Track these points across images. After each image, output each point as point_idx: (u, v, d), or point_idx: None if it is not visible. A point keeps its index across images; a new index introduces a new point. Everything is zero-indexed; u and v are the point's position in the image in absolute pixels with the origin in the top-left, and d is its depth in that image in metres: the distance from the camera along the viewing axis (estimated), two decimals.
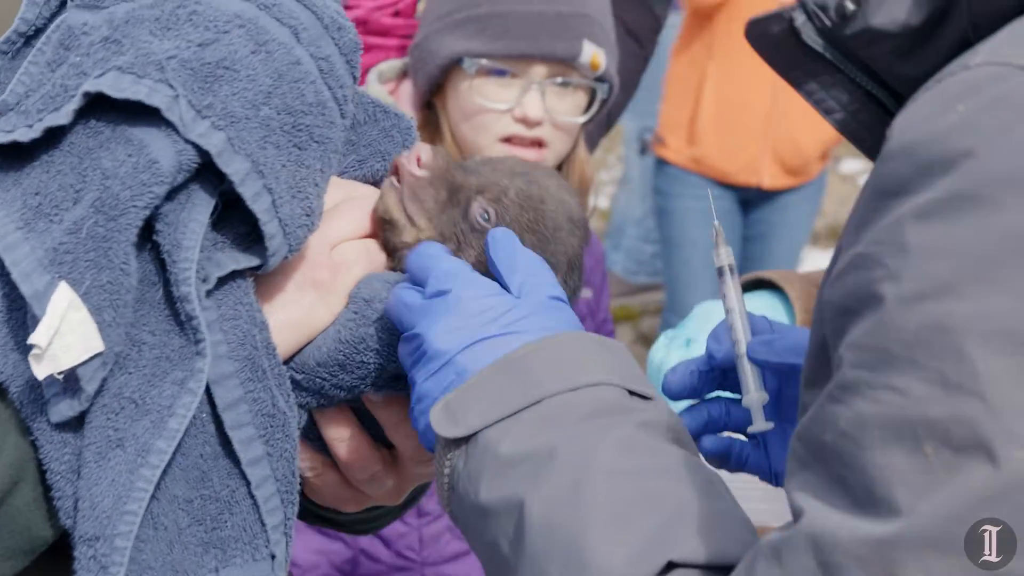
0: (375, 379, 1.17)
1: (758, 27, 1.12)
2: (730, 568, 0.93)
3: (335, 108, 1.15)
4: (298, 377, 1.17)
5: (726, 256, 1.31)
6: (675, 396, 1.30)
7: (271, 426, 1.10)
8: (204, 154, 1.05)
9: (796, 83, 1.13)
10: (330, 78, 1.14)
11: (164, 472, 1.05)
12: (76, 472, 1.04)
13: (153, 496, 1.05)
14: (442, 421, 1.06)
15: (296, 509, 1.13)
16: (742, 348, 1.26)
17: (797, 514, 0.87)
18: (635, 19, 2.65)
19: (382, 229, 1.22)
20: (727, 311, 1.29)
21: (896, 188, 0.87)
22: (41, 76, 1.10)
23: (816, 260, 6.61)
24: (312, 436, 1.22)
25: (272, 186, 1.08)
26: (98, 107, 1.05)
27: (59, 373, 1.00)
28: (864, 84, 1.09)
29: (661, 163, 4.79)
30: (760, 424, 1.26)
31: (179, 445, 1.06)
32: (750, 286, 1.86)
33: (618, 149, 6.52)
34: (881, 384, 0.83)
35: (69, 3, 1.15)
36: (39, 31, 1.14)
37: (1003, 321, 0.80)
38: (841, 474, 0.85)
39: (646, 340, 6.06)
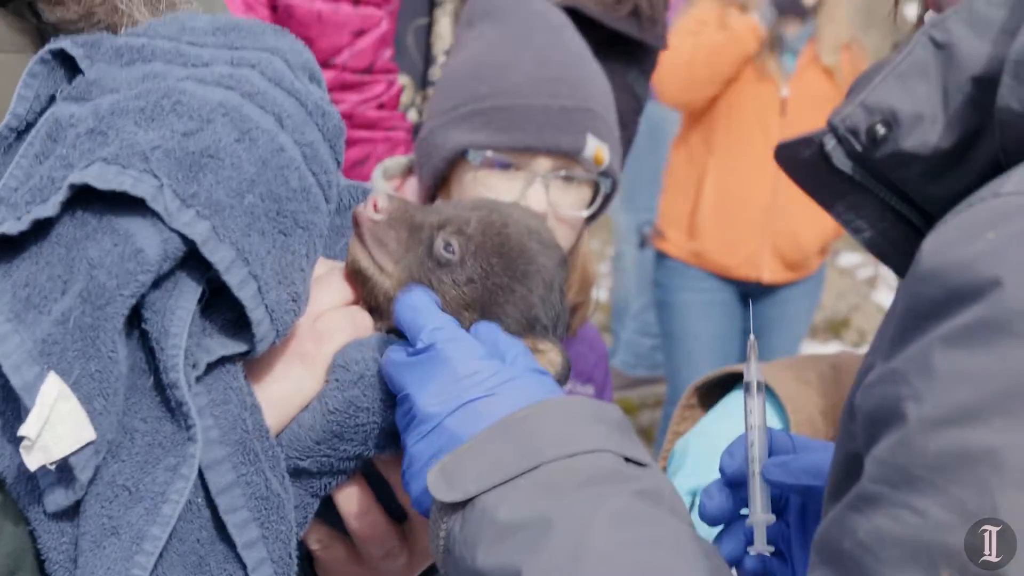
0: (377, 440, 1.17)
1: (787, 151, 1.12)
2: None
3: (319, 193, 1.15)
4: (304, 463, 1.16)
5: (756, 372, 1.30)
6: (713, 521, 1.28)
7: (265, 508, 1.09)
8: (189, 242, 1.05)
9: (825, 204, 1.13)
10: (314, 164, 1.14)
11: (161, 558, 1.04)
12: (74, 561, 1.03)
13: None
14: (438, 484, 1.05)
15: None
16: (756, 467, 1.25)
17: None
18: (617, 101, 2.64)
19: (357, 284, 1.21)
20: (748, 427, 1.27)
21: (927, 311, 0.88)
22: (30, 169, 1.09)
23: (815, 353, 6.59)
24: (319, 511, 1.21)
25: (257, 273, 1.08)
26: (85, 198, 1.05)
27: (51, 463, 0.99)
28: (894, 204, 1.09)
29: (661, 256, 4.79)
30: (761, 546, 1.24)
31: (175, 531, 1.05)
32: (728, 379, 1.83)
33: (615, 242, 6.55)
34: (900, 502, 0.84)
35: (57, 96, 1.15)
36: (31, 125, 1.14)
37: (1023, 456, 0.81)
38: None
39: (645, 434, 6.03)
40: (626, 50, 2.72)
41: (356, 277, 1.21)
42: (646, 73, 2.77)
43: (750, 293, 4.67)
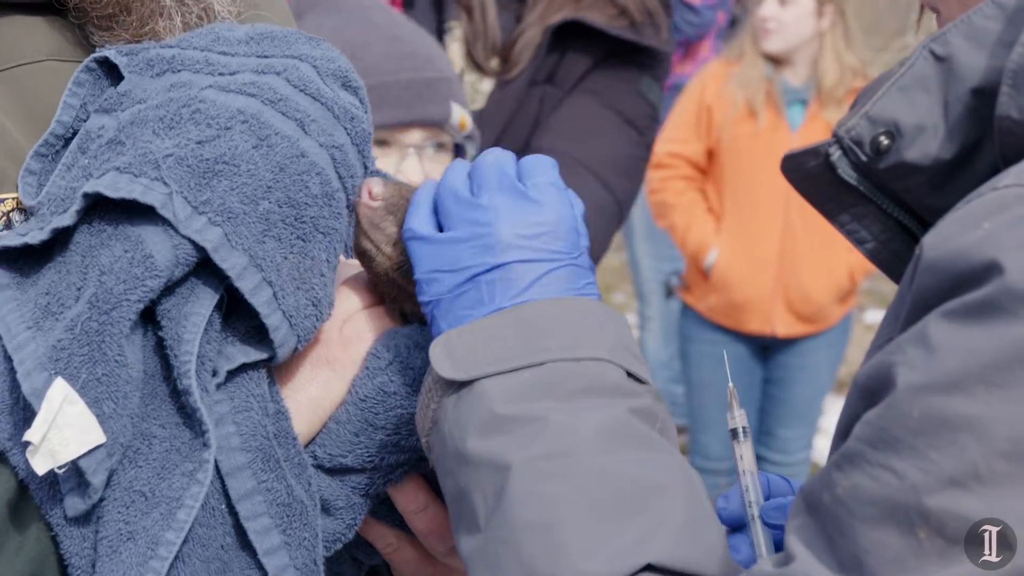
0: (411, 427, 1.10)
1: (793, 162, 1.10)
2: None
3: (343, 198, 1.09)
4: (347, 460, 1.10)
5: (740, 418, 1.28)
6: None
7: (287, 515, 1.04)
8: (202, 249, 1.00)
9: (829, 215, 1.11)
10: (342, 167, 1.08)
11: (184, 564, 1.00)
12: (94, 566, 1.00)
13: None
14: (441, 360, 1.00)
15: None
16: (755, 511, 1.23)
17: (789, 557, 0.89)
18: (629, 108, 2.64)
19: (364, 266, 1.17)
20: (740, 473, 1.25)
21: (931, 301, 0.88)
22: (59, 180, 1.06)
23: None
24: (382, 513, 1.16)
25: (272, 279, 1.02)
26: (101, 207, 1.01)
27: (60, 467, 0.95)
28: (896, 215, 1.09)
29: (685, 307, 4.77)
30: None
31: (198, 536, 1.00)
32: None
33: (639, 290, 6.61)
34: (879, 463, 0.86)
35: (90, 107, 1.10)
36: (76, 133, 1.10)
37: (1006, 427, 0.82)
38: (832, 535, 0.87)
39: None
40: (635, 59, 2.73)
41: (361, 260, 1.16)
42: (658, 79, 2.75)
43: (768, 345, 4.63)
